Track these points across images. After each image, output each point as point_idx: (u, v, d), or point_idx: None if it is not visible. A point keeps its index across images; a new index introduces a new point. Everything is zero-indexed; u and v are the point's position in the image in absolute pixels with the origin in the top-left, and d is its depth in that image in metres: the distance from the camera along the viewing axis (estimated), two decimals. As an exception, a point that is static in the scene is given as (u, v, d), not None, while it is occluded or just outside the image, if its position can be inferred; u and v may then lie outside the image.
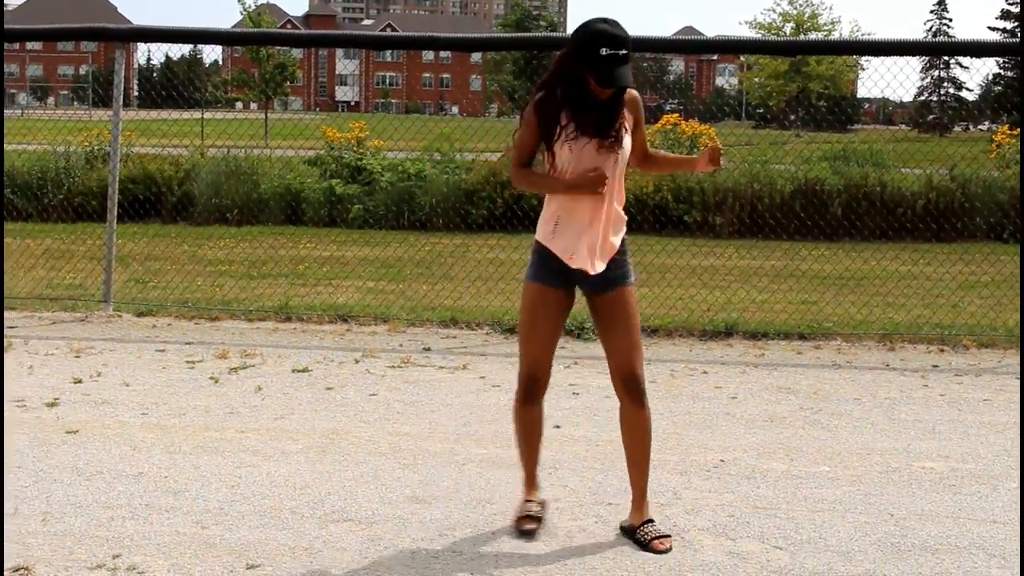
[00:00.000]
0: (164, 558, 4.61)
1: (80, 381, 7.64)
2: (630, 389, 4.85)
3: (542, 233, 4.84)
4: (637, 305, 4.96)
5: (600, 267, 4.77)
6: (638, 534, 4.87)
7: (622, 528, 5.00)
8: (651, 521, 4.93)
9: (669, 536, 4.86)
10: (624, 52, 4.54)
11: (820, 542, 4.92)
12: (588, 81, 4.60)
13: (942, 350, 9.24)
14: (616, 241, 4.83)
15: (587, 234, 4.73)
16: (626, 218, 4.89)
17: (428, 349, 8.95)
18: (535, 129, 4.76)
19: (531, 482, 5.20)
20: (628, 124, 4.81)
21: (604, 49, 4.52)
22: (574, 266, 4.76)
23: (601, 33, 4.55)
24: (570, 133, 4.69)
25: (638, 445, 4.93)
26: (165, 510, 5.18)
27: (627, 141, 4.79)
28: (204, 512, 5.16)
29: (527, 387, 4.99)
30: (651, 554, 4.73)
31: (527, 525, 5.01)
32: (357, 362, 8.44)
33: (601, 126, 4.71)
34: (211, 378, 7.82)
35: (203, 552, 4.68)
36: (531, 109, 4.78)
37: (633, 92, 4.83)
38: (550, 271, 4.83)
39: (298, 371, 8.08)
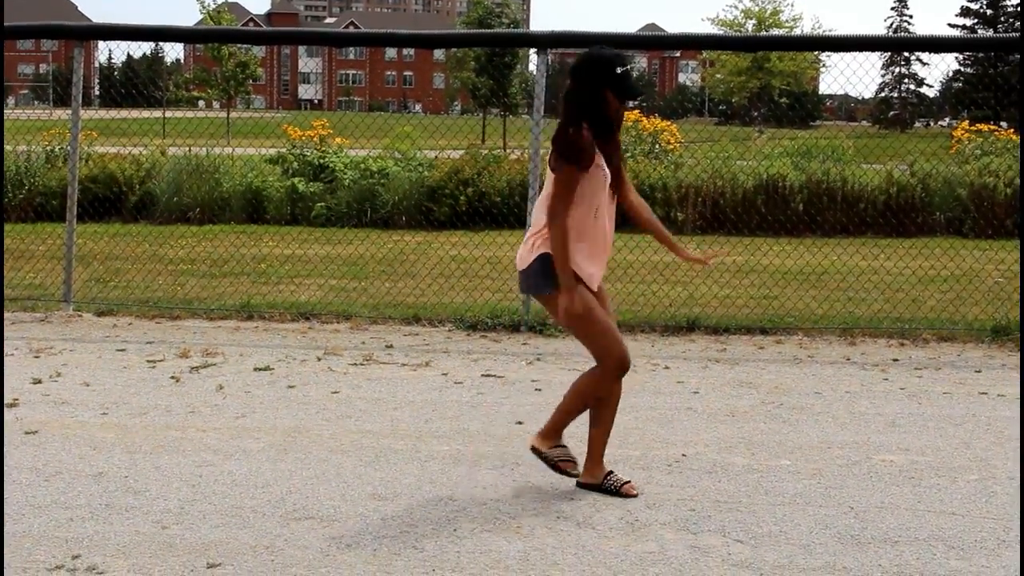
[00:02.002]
0: (124, 558, 4.58)
1: (40, 381, 7.58)
2: None
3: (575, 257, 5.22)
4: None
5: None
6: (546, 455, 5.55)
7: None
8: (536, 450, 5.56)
9: (573, 462, 5.53)
10: (630, 68, 5.29)
11: (781, 535, 4.94)
12: (608, 103, 5.17)
13: (902, 344, 9.30)
14: None
15: (602, 260, 5.36)
16: None
17: (390, 346, 8.94)
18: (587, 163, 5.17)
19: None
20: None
21: (619, 68, 5.15)
22: (594, 288, 5.33)
23: (615, 56, 5.19)
24: (599, 162, 5.20)
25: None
26: (125, 510, 5.15)
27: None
28: (164, 512, 5.13)
29: (624, 370, 5.34)
30: (612, 548, 4.75)
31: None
32: (319, 360, 8.41)
33: (615, 152, 5.35)
34: (172, 377, 7.78)
35: (163, 552, 4.65)
36: (583, 138, 5.13)
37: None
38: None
39: (260, 369, 8.05)
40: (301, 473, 5.73)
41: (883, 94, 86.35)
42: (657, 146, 18.99)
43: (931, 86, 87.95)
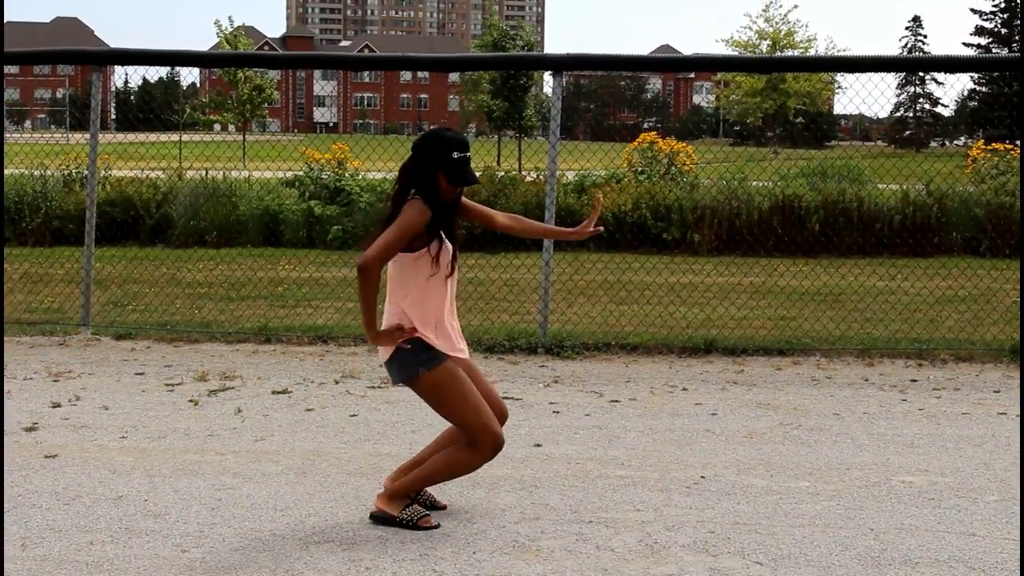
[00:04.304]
0: (144, 582, 4.59)
1: (59, 405, 7.61)
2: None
3: (425, 330, 5.18)
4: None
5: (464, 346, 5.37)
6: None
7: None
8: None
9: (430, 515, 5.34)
10: (469, 155, 5.12)
11: (801, 557, 4.93)
12: (439, 186, 5.08)
13: (920, 365, 9.28)
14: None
15: (454, 329, 5.28)
16: None
17: (408, 369, 8.92)
18: (419, 231, 5.07)
19: None
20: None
21: (455, 153, 5.05)
22: (460, 356, 5.26)
23: (456, 140, 5.10)
24: (438, 243, 5.15)
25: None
26: (145, 534, 5.16)
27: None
28: (184, 535, 5.14)
29: (497, 449, 5.21)
30: (631, 570, 4.74)
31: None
32: (337, 383, 8.43)
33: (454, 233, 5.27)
34: (191, 401, 7.80)
35: None
36: (424, 208, 5.03)
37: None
38: (442, 350, 5.20)
39: (278, 393, 8.07)
40: (320, 496, 5.74)
41: (898, 114, 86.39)
42: (673, 167, 19.00)
43: (946, 105, 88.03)
